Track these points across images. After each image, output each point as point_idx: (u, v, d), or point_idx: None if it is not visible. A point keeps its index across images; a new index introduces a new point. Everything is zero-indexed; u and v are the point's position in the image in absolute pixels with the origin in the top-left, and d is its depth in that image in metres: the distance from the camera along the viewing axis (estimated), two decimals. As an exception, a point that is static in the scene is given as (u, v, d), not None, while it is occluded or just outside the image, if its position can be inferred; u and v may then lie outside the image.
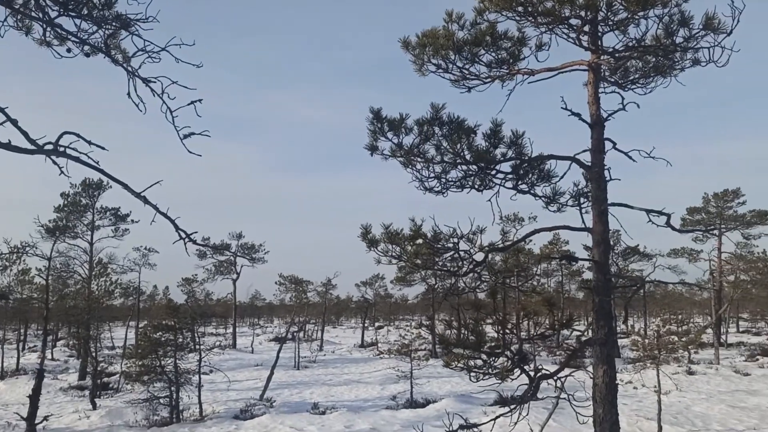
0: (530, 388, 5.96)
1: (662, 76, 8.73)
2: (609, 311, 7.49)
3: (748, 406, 19.69)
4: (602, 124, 7.68)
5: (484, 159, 6.63)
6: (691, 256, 45.35)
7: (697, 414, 18.49)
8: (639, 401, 20.26)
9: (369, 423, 17.05)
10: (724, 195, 43.76)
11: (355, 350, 44.09)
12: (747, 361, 33.12)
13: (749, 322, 65.40)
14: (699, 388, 23.53)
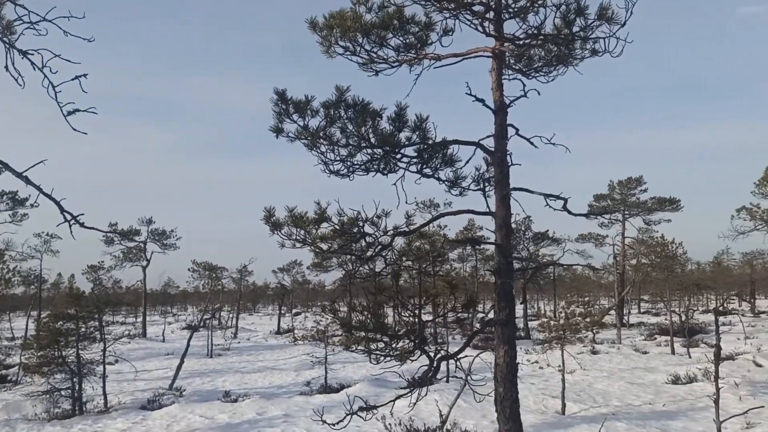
0: (430, 369, 6.05)
1: (564, 65, 8.99)
2: (510, 293, 7.68)
3: (645, 383, 20.81)
4: (505, 110, 7.84)
5: (389, 143, 6.64)
6: (597, 241, 47.45)
7: (599, 391, 19.38)
8: (546, 380, 21.02)
9: (282, 409, 16.94)
10: (627, 182, 45.96)
11: (271, 337, 43.67)
12: (646, 340, 35.01)
13: (650, 304, 69.10)
14: (602, 367, 24.65)
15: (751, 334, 36.18)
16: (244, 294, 60.15)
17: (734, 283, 71.06)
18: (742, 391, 18.49)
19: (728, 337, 34.15)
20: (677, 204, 45.42)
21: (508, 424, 7.57)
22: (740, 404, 16.82)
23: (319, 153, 6.88)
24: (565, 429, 14.59)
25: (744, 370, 23.03)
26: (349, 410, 5.89)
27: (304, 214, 6.68)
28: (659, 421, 15.31)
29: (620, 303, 42.37)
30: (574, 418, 15.80)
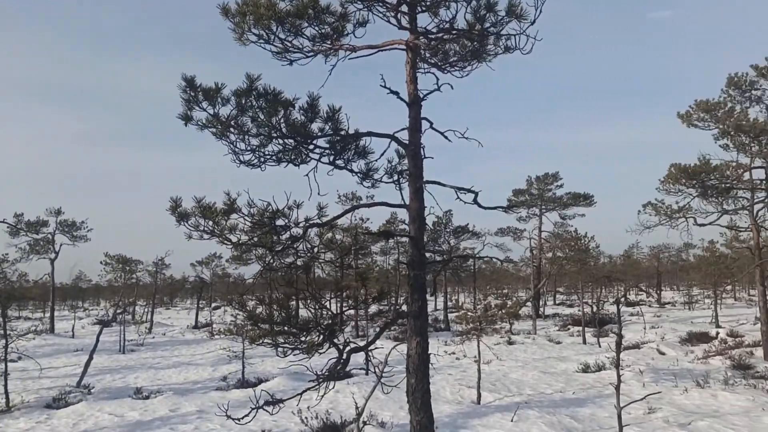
0: (339, 362, 6.02)
1: (478, 60, 9.14)
2: (423, 285, 7.74)
3: (557, 372, 21.53)
4: (419, 103, 7.88)
5: (301, 133, 6.54)
6: (516, 235, 48.71)
7: (513, 380, 19.91)
8: (463, 371, 21.41)
9: (196, 405, 16.56)
10: (545, 178, 47.33)
11: (188, 332, 42.62)
12: (560, 330, 36.23)
13: (564, 295, 71.52)
14: (517, 357, 25.34)
15: (656, 323, 38.04)
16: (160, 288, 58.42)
17: (643, 275, 74.61)
18: (646, 378, 19.43)
19: (635, 327, 35.84)
20: (591, 199, 47.16)
21: (419, 414, 7.64)
22: (644, 390, 17.65)
23: (229, 142, 6.71)
24: (480, 418, 14.90)
25: (648, 358, 24.20)
26: (256, 405, 5.79)
27: (213, 204, 6.51)
28: (569, 408, 15.86)
29: (536, 295, 43.70)
30: (489, 407, 16.17)
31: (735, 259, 41.77)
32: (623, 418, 14.46)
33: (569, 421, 14.46)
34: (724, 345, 26.62)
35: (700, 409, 15.54)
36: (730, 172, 20.20)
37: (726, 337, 29.14)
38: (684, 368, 21.33)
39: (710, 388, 17.49)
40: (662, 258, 69.38)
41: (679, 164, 20.48)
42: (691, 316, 43.51)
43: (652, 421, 14.39)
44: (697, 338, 28.95)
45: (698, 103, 20.50)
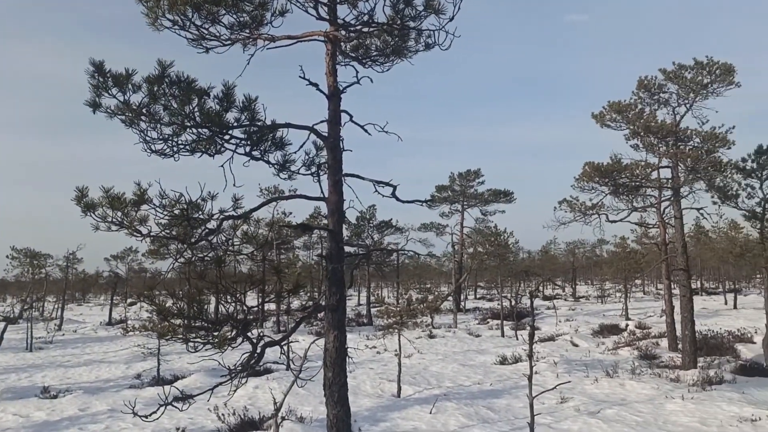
0: (252, 356, 5.92)
1: (399, 56, 9.17)
2: (341, 278, 7.72)
3: (476, 364, 21.98)
4: (339, 96, 7.83)
5: (216, 123, 6.37)
6: (439, 230, 49.37)
7: (433, 373, 20.19)
8: (384, 365, 21.55)
9: (108, 404, 15.97)
10: (467, 175, 48.19)
11: (101, 328, 41.02)
12: (479, 324, 37.01)
13: (485, 290, 73.05)
14: (437, 350, 25.71)
15: (570, 316, 39.43)
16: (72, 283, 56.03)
17: (559, 270, 77.18)
18: (559, 369, 20.10)
19: (550, 320, 37.06)
20: (511, 196, 48.42)
21: (336, 407, 7.61)
22: (557, 381, 18.26)
23: (140, 131, 6.46)
24: (399, 411, 15.03)
25: (563, 349, 25.07)
26: (164, 401, 5.62)
27: (122, 195, 6.25)
28: (486, 399, 16.22)
29: (457, 289, 44.50)
30: (408, 400, 16.33)
31: (644, 255, 43.80)
32: (537, 408, 14.94)
33: (486, 412, 14.79)
34: (632, 336, 27.89)
35: (609, 397, 16.21)
36: (639, 171, 21.12)
37: (635, 329, 30.53)
38: (595, 359, 22.20)
39: (619, 378, 18.27)
40: (577, 253, 71.93)
41: (593, 162, 21.27)
42: (603, 309, 45.34)
43: (564, 410, 14.90)
44: (608, 330, 30.22)
45: (611, 104, 21.33)
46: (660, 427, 13.16)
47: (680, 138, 20.93)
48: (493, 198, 48.16)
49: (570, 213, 22.84)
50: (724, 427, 12.92)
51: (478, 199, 48.49)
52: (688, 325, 19.99)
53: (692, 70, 20.15)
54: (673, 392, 16.14)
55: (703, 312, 39.31)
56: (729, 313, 38.80)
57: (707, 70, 19.94)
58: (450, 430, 13.32)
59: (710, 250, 51.29)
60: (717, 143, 20.05)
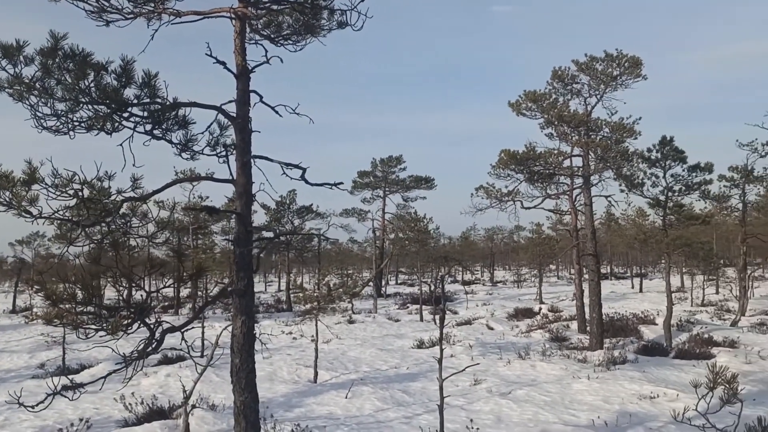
0: (151, 342, 5.70)
1: (312, 35, 9.02)
2: (249, 263, 7.55)
3: (394, 348, 22.17)
4: (248, 75, 7.62)
5: (113, 99, 6.06)
6: (360, 216, 49.40)
7: (351, 358, 20.23)
8: (302, 351, 21.41)
9: (7, 395, 15.13)
10: (389, 161, 48.36)
11: (4, 316, 38.98)
12: (399, 309, 37.36)
13: (406, 275, 73.88)
14: (356, 335, 25.78)
15: (487, 301, 40.44)
16: (-27, 270, 52.89)
17: (479, 255, 78.92)
18: (474, 352, 20.54)
19: (469, 304, 37.86)
20: (432, 183, 48.99)
21: (243, 394, 7.47)
22: (472, 363, 18.68)
23: (30, 105, 6.06)
24: (315, 396, 14.99)
25: (478, 333, 25.64)
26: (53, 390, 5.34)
27: (10, 173, 5.87)
28: (402, 383, 16.39)
29: (378, 275, 44.75)
30: (325, 385, 16.30)
31: (558, 241, 45.34)
32: (451, 390, 15.24)
33: (401, 395, 14.95)
34: (545, 319, 28.85)
35: (520, 378, 16.70)
36: (552, 159, 21.76)
37: (547, 312, 31.61)
38: (509, 342, 22.82)
39: (530, 360, 18.85)
40: (496, 239, 73.72)
41: (509, 150, 21.74)
42: (519, 294, 46.72)
43: (477, 392, 15.25)
44: (522, 314, 31.15)
45: (526, 93, 21.83)
46: (566, 406, 13.65)
47: (591, 128, 21.67)
48: (414, 184, 48.58)
49: (486, 199, 23.32)
50: (625, 405, 13.53)
51: (399, 185, 48.79)
52: (596, 308, 20.83)
53: (603, 62, 20.87)
54: (580, 372, 16.79)
55: (611, 296, 41.15)
56: (635, 297, 40.77)
57: (617, 63, 20.69)
58: (365, 414, 13.38)
59: (620, 236, 53.61)
60: (625, 133, 20.88)
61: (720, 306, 32.62)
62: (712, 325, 25.66)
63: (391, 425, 12.42)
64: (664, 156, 21.41)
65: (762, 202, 35.05)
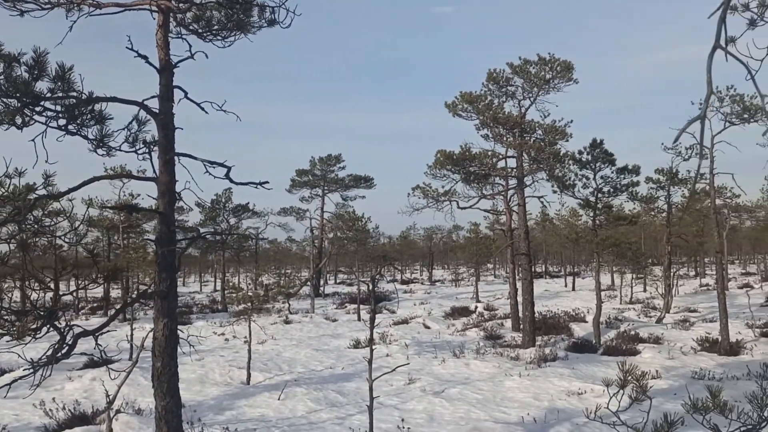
0: (62, 346, 5.46)
1: (242, 31, 8.86)
2: (172, 263, 7.34)
3: (330, 348, 22.05)
4: (171, 70, 7.41)
5: (23, 92, 5.77)
6: (299, 215, 48.98)
7: (286, 359, 20.01)
8: (236, 352, 21.06)
9: None
10: (328, 159, 48.13)
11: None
12: (337, 308, 37.23)
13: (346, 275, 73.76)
14: (292, 336, 25.53)
15: (425, 300, 40.74)
16: None
17: (418, 255, 79.53)
18: (410, 351, 20.62)
19: (406, 304, 38.04)
20: (371, 182, 49.04)
21: (165, 399, 7.26)
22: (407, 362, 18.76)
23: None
24: (247, 398, 14.75)
25: (415, 332, 25.78)
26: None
27: None
28: (336, 383, 16.30)
29: (317, 274, 44.50)
30: (258, 387, 16.07)
31: (494, 240, 46.06)
32: (386, 390, 15.28)
33: (335, 396, 14.86)
34: (481, 318, 29.28)
35: (454, 377, 16.85)
36: (487, 160, 22.07)
37: (483, 310, 32.09)
38: (445, 340, 23.02)
39: (465, 358, 19.06)
40: (435, 239, 74.43)
41: (444, 151, 21.93)
42: (456, 293, 47.26)
43: (411, 391, 15.30)
44: (459, 312, 31.52)
45: (463, 94, 22.06)
46: (498, 404, 13.85)
47: (525, 129, 22.08)
48: (353, 183, 48.52)
49: (423, 199, 23.45)
50: (554, 401, 13.83)
51: (338, 184, 48.63)
52: (528, 307, 21.23)
53: (536, 65, 21.29)
54: (513, 370, 17.07)
55: (545, 294, 42.10)
56: (568, 295, 41.83)
57: (549, 67, 21.14)
58: (297, 416, 13.25)
59: (554, 235, 54.87)
60: (557, 136, 21.36)
61: (647, 303, 33.77)
62: (639, 322, 26.56)
63: (324, 426, 12.33)
64: (595, 158, 22.02)
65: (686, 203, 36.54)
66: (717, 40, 1.66)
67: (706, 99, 1.63)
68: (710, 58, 1.58)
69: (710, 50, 1.60)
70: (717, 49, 1.63)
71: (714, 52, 1.63)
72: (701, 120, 1.65)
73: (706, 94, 1.63)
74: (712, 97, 11.47)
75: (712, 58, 1.58)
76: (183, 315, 31.03)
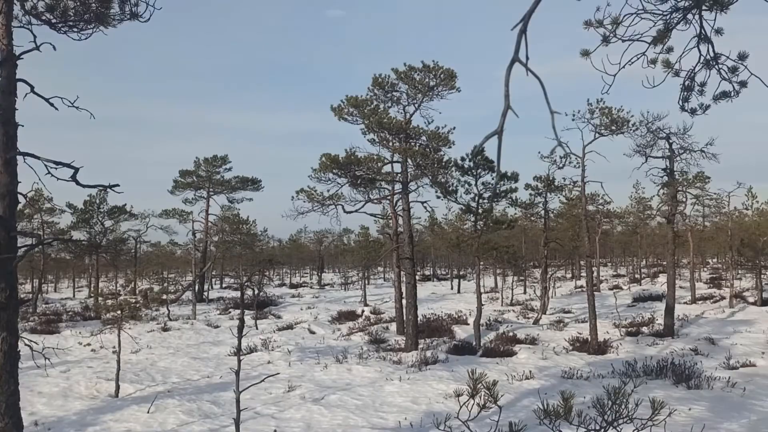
0: None
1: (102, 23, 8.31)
2: (12, 272, 6.72)
3: (209, 357, 21.31)
4: (14, 61, 6.80)
5: None
6: (182, 217, 47.22)
7: (161, 369, 19.11)
8: (107, 363, 19.88)
9: None
10: (213, 161, 46.76)
11: None
12: (221, 314, 36.12)
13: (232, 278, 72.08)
14: (170, 344, 24.47)
15: (313, 304, 40.39)
16: None
17: (308, 258, 78.96)
18: (293, 358, 20.28)
19: (293, 308, 37.60)
20: (258, 184, 48.02)
21: (3, 420, 6.62)
22: (289, 369, 18.42)
23: None
24: (113, 412, 13.91)
25: (299, 337, 25.42)
26: None
27: None
28: (213, 393, 15.73)
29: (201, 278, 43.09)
30: (126, 399, 15.22)
31: (383, 244, 46.49)
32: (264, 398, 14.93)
33: (209, 407, 14.33)
34: (367, 322, 29.35)
35: (335, 383, 16.69)
36: (372, 164, 22.13)
37: (370, 314, 32.21)
38: (329, 345, 22.85)
39: (347, 363, 18.96)
40: (325, 242, 74.16)
41: (329, 154, 21.77)
42: (345, 296, 47.25)
43: (290, 399, 15.00)
44: (345, 317, 31.43)
45: (348, 98, 22.01)
46: (377, 409, 13.82)
47: (411, 135, 22.33)
48: (240, 185, 47.34)
49: (308, 203, 23.17)
50: (431, 404, 13.97)
51: (224, 185, 47.31)
52: (412, 310, 21.46)
53: (420, 72, 21.59)
54: (394, 374, 17.14)
55: (432, 297, 42.96)
56: (454, 297, 42.87)
57: (433, 74, 21.50)
58: (167, 429, 12.63)
59: (442, 239, 56.10)
60: (440, 142, 21.76)
61: (526, 305, 35.14)
62: (518, 324, 27.56)
63: (194, 440, 11.81)
64: (476, 165, 22.64)
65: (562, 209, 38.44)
66: (516, 53, 1.57)
67: (503, 113, 1.53)
68: (508, 72, 1.48)
69: (509, 63, 1.51)
70: (515, 62, 1.53)
71: (512, 65, 1.53)
72: (498, 135, 1.55)
73: (504, 109, 1.53)
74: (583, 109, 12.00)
75: (510, 71, 1.48)
76: (51, 324, 29.06)
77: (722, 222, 45.39)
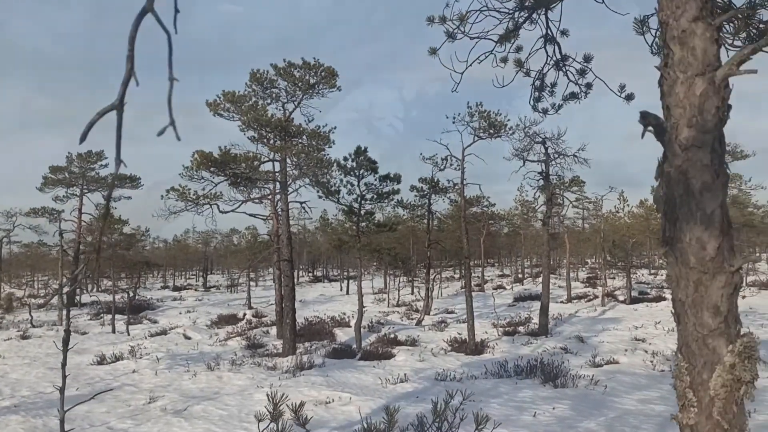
0: None
1: None
2: None
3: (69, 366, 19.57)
4: None
5: None
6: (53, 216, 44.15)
7: (10, 381, 17.49)
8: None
9: None
10: (87, 156, 44.03)
11: None
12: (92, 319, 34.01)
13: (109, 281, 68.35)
14: (28, 353, 22.60)
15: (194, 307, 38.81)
16: None
17: (193, 259, 76.19)
18: (161, 366, 19.13)
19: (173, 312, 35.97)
20: (137, 182, 45.67)
21: None
22: (155, 379, 17.32)
23: None
24: (-64, 435, 12.43)
25: (173, 343, 24.17)
26: None
27: None
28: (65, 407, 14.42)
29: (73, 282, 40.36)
30: (-40, 418, 13.67)
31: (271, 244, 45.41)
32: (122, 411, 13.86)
33: (56, 423, 13.09)
34: (249, 325, 28.40)
35: (203, 392, 15.79)
36: (249, 163, 21.29)
37: (252, 318, 31.26)
38: (203, 352, 21.83)
39: (219, 370, 18.06)
40: (212, 243, 71.90)
41: (203, 152, 20.70)
42: (231, 299, 45.83)
43: (150, 411, 13.98)
44: (226, 320, 30.33)
45: (225, 93, 21.08)
46: (242, 419, 13.11)
47: (292, 133, 21.67)
48: (117, 183, 44.81)
49: (180, 202, 21.99)
50: (300, 413, 13.40)
51: (100, 183, 44.61)
52: (290, 314, 20.83)
53: (301, 69, 21.00)
54: (266, 381, 16.48)
55: (320, 298, 42.44)
56: (342, 299, 42.49)
57: (314, 72, 20.98)
58: (1, 451, 11.38)
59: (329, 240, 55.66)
60: (321, 141, 21.25)
61: (411, 306, 35.28)
62: (401, 325, 27.52)
63: (30, 462, 10.67)
64: (359, 165, 22.32)
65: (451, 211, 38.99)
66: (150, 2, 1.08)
67: (123, 82, 1.03)
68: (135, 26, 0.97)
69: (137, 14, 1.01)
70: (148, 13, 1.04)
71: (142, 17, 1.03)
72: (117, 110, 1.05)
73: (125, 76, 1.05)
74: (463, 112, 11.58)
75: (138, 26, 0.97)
76: None
77: (597, 224, 47.76)
